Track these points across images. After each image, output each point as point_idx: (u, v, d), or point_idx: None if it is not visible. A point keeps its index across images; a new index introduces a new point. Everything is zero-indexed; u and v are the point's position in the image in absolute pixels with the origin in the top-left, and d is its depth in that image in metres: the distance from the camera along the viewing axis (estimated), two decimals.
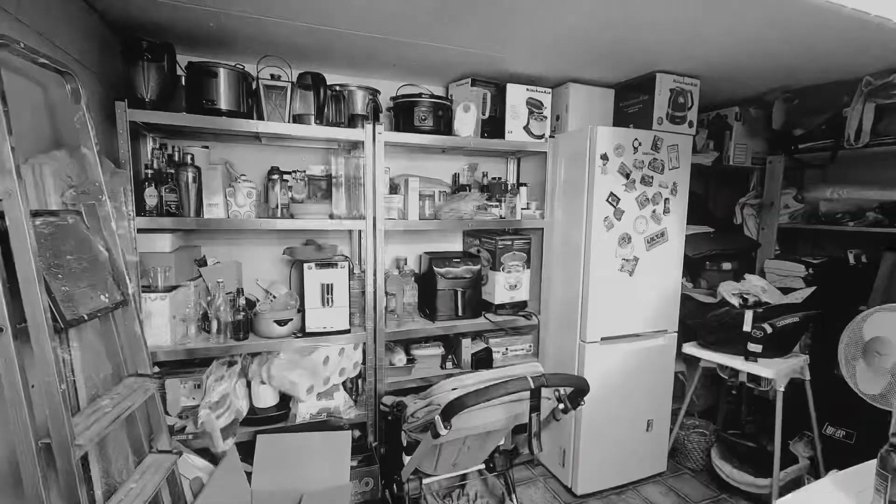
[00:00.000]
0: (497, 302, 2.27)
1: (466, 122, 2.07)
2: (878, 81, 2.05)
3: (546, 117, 2.25)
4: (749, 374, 2.10)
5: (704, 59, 1.96)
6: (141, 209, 1.68)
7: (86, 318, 1.12)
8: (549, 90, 2.24)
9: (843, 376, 1.94)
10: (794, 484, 2.13)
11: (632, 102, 2.28)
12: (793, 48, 1.77)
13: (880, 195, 2.34)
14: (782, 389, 2.01)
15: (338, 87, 1.96)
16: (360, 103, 1.99)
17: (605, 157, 2.03)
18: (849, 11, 1.32)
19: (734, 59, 1.91)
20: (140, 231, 1.65)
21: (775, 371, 1.99)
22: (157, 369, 1.48)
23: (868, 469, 1.11)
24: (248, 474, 1.79)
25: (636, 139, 2.08)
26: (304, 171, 2.00)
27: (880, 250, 2.23)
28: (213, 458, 1.74)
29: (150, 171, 1.72)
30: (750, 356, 2.07)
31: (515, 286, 2.29)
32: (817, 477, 2.16)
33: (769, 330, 2.00)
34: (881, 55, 1.83)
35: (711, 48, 1.82)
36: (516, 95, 2.18)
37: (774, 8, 1.39)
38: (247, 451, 1.82)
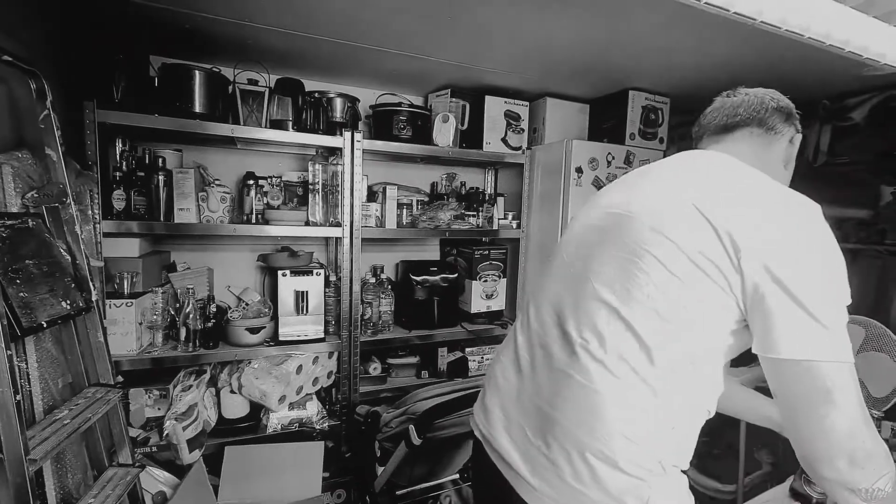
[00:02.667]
0: (473, 311, 2.28)
1: (445, 132, 2.09)
2: (833, 105, 2.17)
3: (523, 130, 2.29)
4: None
5: (674, 80, 2.04)
6: (108, 212, 1.62)
7: (44, 325, 1.07)
8: (527, 103, 2.28)
9: None
10: (758, 489, 2.20)
11: (606, 118, 2.34)
12: (757, 73, 1.87)
13: (836, 212, 2.47)
14: None
15: (317, 94, 1.96)
16: (338, 110, 1.98)
17: (579, 171, 2.08)
18: (806, 40, 1.41)
19: (702, 80, 2.00)
20: (106, 235, 1.59)
21: (741, 379, 2.06)
22: (120, 379, 1.42)
23: None
24: (216, 487, 1.74)
25: (609, 153, 2.14)
26: (281, 177, 1.98)
27: None
28: (179, 471, 1.68)
29: (118, 174, 1.66)
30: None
31: (491, 295, 2.31)
32: (781, 482, 2.23)
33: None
34: (837, 80, 1.94)
35: (681, 70, 1.90)
36: (495, 107, 2.22)
37: (739, 35, 1.46)
38: (215, 463, 1.77)
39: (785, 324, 0.65)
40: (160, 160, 1.77)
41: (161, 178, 1.72)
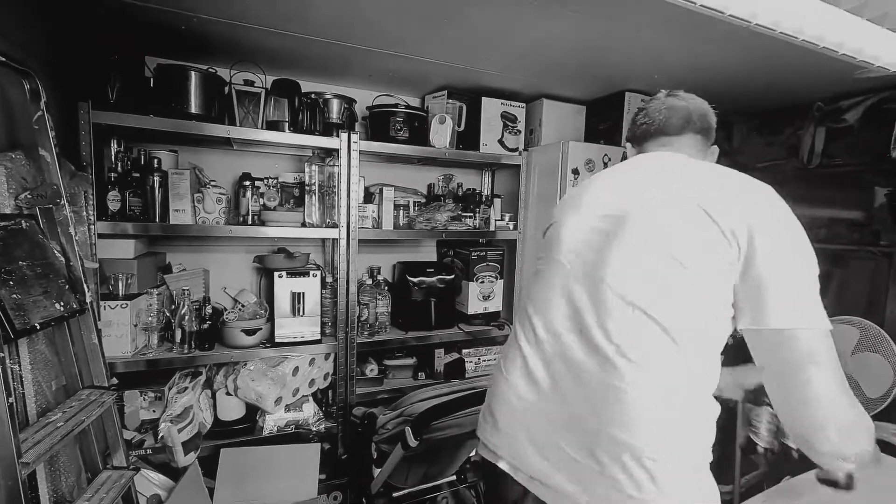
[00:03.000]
0: (470, 312, 2.28)
1: (442, 133, 2.09)
2: (828, 107, 2.19)
3: (520, 131, 2.30)
4: None
5: (671, 82, 2.05)
6: (103, 214, 1.62)
7: (38, 327, 1.06)
8: (524, 105, 2.29)
9: None
10: (755, 489, 2.21)
11: (602, 119, 2.35)
12: (752, 75, 1.88)
13: (830, 214, 2.48)
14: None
15: (313, 95, 1.95)
16: (335, 111, 1.98)
17: (576, 172, 2.08)
18: (800, 43, 1.42)
19: (698, 82, 2.01)
20: (101, 236, 1.59)
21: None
22: (115, 381, 1.41)
23: (815, 476, 1.17)
24: (211, 490, 1.73)
25: (606, 154, 2.15)
26: (277, 178, 1.98)
27: (831, 265, 2.36)
28: (174, 474, 1.67)
29: (113, 175, 1.66)
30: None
31: (488, 296, 2.31)
32: (777, 482, 2.24)
33: (730, 341, 2.08)
34: (831, 82, 1.95)
35: (677, 72, 1.91)
36: (491, 109, 2.22)
37: (734, 38, 1.47)
38: (210, 465, 1.76)
39: (774, 297, 0.71)
40: (156, 161, 1.77)
41: (156, 179, 1.72)
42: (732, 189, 0.79)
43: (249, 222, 1.87)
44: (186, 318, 1.73)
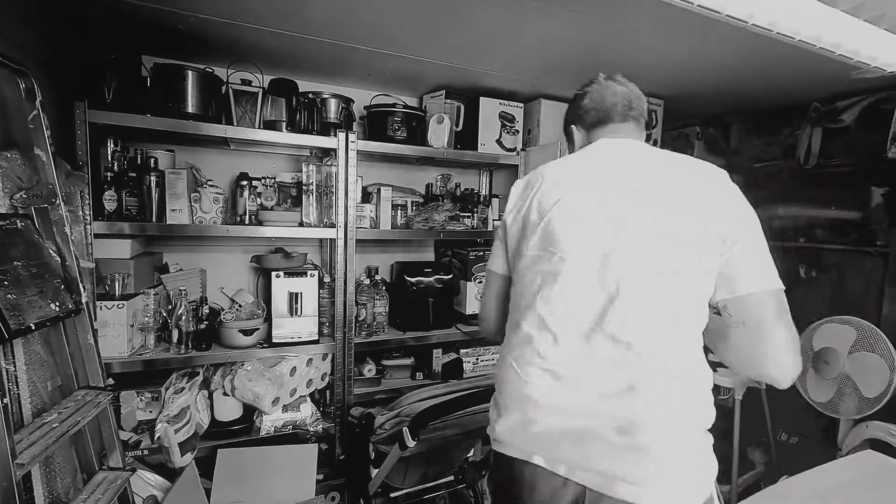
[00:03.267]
0: (468, 312, 2.28)
1: (440, 133, 2.09)
2: (824, 108, 2.19)
3: (518, 131, 2.29)
4: None
5: (668, 82, 2.05)
6: (99, 213, 1.61)
7: (33, 327, 1.06)
8: (521, 105, 2.29)
9: (795, 385, 2.04)
10: (752, 489, 2.21)
11: None
12: (749, 75, 1.88)
13: (827, 213, 2.49)
14: (740, 398, 2.09)
15: (311, 95, 1.95)
16: (333, 111, 1.98)
17: None
18: (797, 43, 1.42)
19: (695, 82, 2.01)
20: (97, 236, 1.58)
21: (734, 380, 2.07)
22: (111, 381, 1.41)
23: (811, 476, 1.17)
24: (208, 491, 1.72)
25: None
26: (274, 178, 1.97)
27: (828, 265, 2.36)
28: (171, 475, 1.66)
29: (109, 174, 1.65)
30: (710, 366, 2.14)
31: None
32: (774, 481, 2.24)
33: None
34: (827, 83, 1.96)
35: (674, 72, 1.91)
36: (489, 109, 2.22)
37: (731, 38, 1.47)
38: (207, 466, 1.76)
39: (746, 267, 0.83)
40: (152, 161, 1.76)
41: (153, 178, 1.71)
42: (705, 178, 0.88)
43: (247, 222, 1.86)
44: (183, 318, 1.73)
